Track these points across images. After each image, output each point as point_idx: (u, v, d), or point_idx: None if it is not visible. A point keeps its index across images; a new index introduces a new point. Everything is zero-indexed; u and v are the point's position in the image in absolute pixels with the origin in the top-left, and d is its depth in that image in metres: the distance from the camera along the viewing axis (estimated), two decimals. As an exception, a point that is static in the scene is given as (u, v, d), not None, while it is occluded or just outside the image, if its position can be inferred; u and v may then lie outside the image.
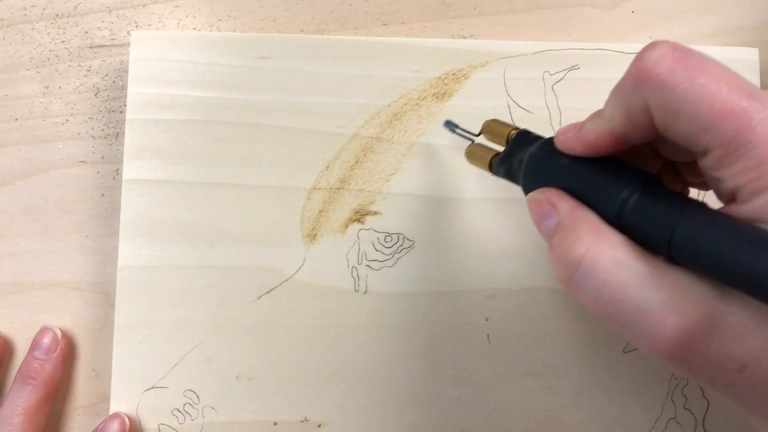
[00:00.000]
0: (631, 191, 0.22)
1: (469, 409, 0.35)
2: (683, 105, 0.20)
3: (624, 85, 0.22)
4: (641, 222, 0.21)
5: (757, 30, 0.39)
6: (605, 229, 0.21)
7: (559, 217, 0.23)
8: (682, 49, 0.20)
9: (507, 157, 0.28)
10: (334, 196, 0.36)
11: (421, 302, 0.35)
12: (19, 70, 0.38)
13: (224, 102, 0.36)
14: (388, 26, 0.38)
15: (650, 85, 0.20)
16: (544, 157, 0.25)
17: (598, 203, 0.22)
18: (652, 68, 0.20)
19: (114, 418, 0.33)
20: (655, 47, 0.21)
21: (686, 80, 0.20)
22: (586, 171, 0.23)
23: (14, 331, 0.36)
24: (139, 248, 0.35)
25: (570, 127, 0.24)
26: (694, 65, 0.20)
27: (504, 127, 0.30)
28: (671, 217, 0.20)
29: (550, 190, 0.24)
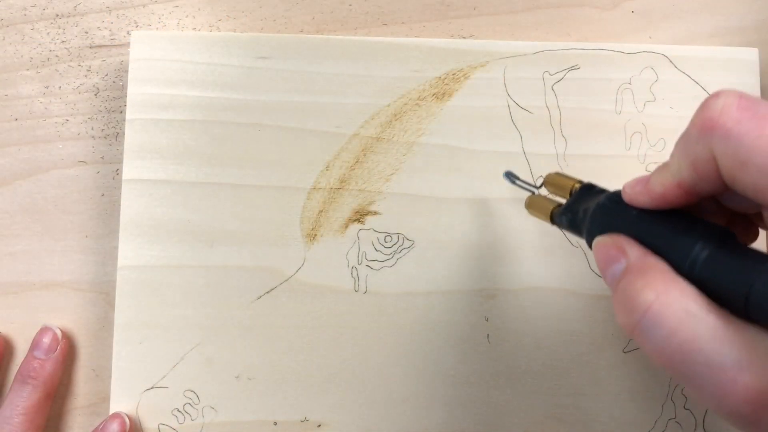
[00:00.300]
0: (704, 245, 0.21)
1: (469, 409, 0.35)
2: (751, 155, 0.19)
3: (689, 135, 0.21)
4: (716, 277, 0.20)
5: (757, 30, 0.39)
6: (677, 277, 0.21)
7: (629, 263, 0.22)
8: (748, 98, 0.20)
9: (570, 207, 0.28)
10: (334, 196, 0.36)
11: (421, 302, 0.35)
12: (19, 70, 0.38)
13: (224, 102, 0.36)
14: (388, 26, 0.38)
15: (716, 134, 0.20)
16: (612, 208, 0.25)
17: (669, 256, 0.22)
18: (718, 117, 0.20)
19: (114, 418, 0.33)
20: (720, 96, 0.20)
21: (753, 130, 0.19)
22: (656, 223, 0.23)
23: (14, 331, 0.36)
24: (139, 248, 0.35)
25: (637, 181, 0.24)
26: (762, 115, 0.19)
27: (567, 180, 0.30)
28: (748, 273, 0.19)
29: (618, 236, 0.23)
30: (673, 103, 0.37)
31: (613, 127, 0.37)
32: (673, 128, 0.37)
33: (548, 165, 0.36)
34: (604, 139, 0.36)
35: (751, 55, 0.37)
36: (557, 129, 0.36)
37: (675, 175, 0.22)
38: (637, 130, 0.37)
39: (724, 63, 0.37)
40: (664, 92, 0.37)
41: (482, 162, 0.36)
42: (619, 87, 0.37)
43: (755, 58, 0.37)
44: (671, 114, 0.37)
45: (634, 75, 0.37)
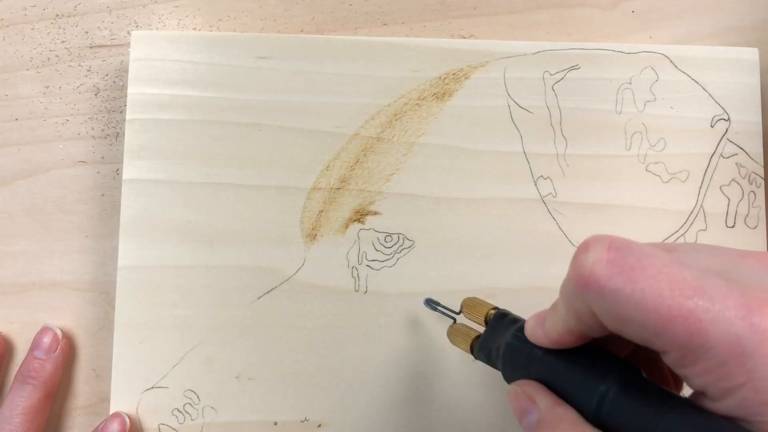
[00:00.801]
0: (608, 386, 0.21)
1: (469, 409, 0.35)
2: (628, 312, 0.19)
3: (567, 289, 0.21)
4: (621, 419, 0.21)
5: (757, 30, 0.39)
6: (586, 428, 0.21)
7: (539, 414, 0.22)
8: (618, 248, 0.19)
9: (486, 342, 0.28)
10: (334, 196, 0.36)
11: (421, 302, 0.35)
12: (19, 70, 0.38)
13: (224, 102, 0.36)
14: (388, 26, 0.38)
15: (589, 292, 0.19)
16: (520, 348, 0.25)
17: (576, 398, 0.22)
18: (589, 274, 0.19)
19: (114, 418, 0.33)
20: (589, 249, 0.19)
21: (626, 286, 0.18)
22: (562, 364, 0.23)
23: (14, 331, 0.36)
24: (139, 248, 0.35)
25: (536, 322, 0.24)
26: (632, 266, 0.19)
27: (482, 307, 0.30)
28: (651, 416, 0.19)
29: (528, 384, 0.24)
30: (673, 103, 0.37)
31: (613, 127, 0.37)
32: (673, 128, 0.37)
33: (548, 165, 0.36)
34: (604, 139, 0.36)
35: (751, 55, 0.37)
36: (557, 129, 0.36)
37: (563, 323, 0.22)
38: (637, 130, 0.37)
39: (724, 63, 0.37)
40: (664, 92, 0.37)
41: (482, 162, 0.36)
42: (619, 87, 0.37)
43: (755, 58, 0.37)
44: (671, 114, 0.37)
45: (634, 75, 0.37)
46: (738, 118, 0.37)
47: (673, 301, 0.18)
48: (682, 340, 0.18)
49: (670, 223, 0.36)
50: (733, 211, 0.36)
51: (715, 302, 0.18)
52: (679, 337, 0.18)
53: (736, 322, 0.18)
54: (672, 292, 0.18)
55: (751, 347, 0.17)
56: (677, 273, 0.18)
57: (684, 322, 0.18)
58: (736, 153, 0.37)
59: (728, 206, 0.36)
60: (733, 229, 0.36)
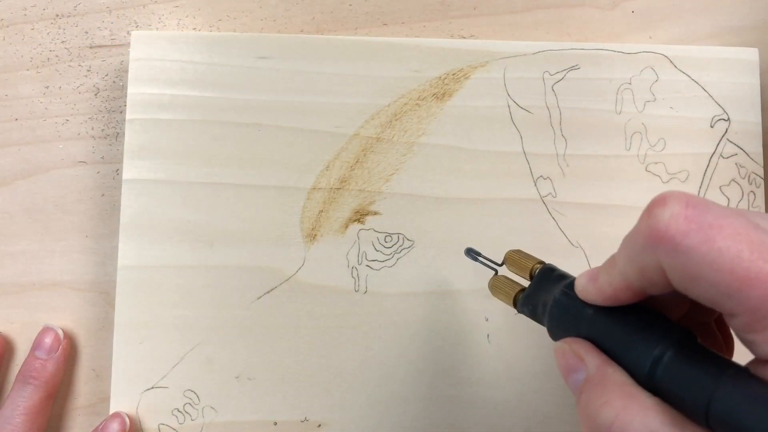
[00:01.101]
0: (663, 350, 0.20)
1: (469, 409, 0.35)
2: (701, 271, 0.18)
3: (635, 242, 0.20)
4: (675, 385, 0.20)
5: (757, 30, 0.39)
6: (636, 391, 0.20)
7: (587, 373, 0.22)
8: (696, 206, 0.19)
9: (531, 296, 0.27)
10: (334, 196, 0.36)
11: (421, 302, 0.35)
12: (19, 70, 0.38)
13: (224, 102, 0.36)
14: (388, 26, 0.38)
15: (663, 248, 0.19)
16: (569, 305, 0.24)
17: (627, 359, 0.21)
18: (665, 229, 0.18)
19: (114, 418, 0.33)
20: (667, 204, 0.19)
21: (703, 244, 0.18)
22: (614, 323, 0.22)
23: (14, 331, 0.36)
24: (139, 248, 0.35)
25: (587, 278, 0.23)
26: (710, 224, 0.18)
27: (527, 261, 0.29)
28: (708, 384, 0.19)
29: (577, 342, 0.23)
30: (673, 103, 0.37)
31: (613, 127, 0.37)
32: (673, 128, 0.37)
33: (548, 165, 0.36)
34: (604, 139, 0.36)
35: (751, 55, 0.37)
36: (557, 129, 0.36)
37: (622, 277, 0.21)
38: (637, 130, 0.37)
39: (724, 63, 0.37)
40: (664, 92, 0.37)
41: (482, 162, 0.36)
42: (619, 87, 0.37)
43: (755, 58, 0.37)
44: (671, 114, 0.37)
45: (634, 75, 0.37)
46: (738, 118, 0.37)
47: (751, 263, 0.18)
48: (755, 303, 0.18)
49: (669, 223, 0.36)
50: (733, 211, 0.36)
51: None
52: (752, 301, 0.18)
53: None
54: (751, 254, 0.18)
55: None
56: (756, 236, 0.18)
57: (761, 286, 0.17)
58: (735, 153, 0.37)
59: (728, 206, 0.36)
60: (733, 229, 0.36)
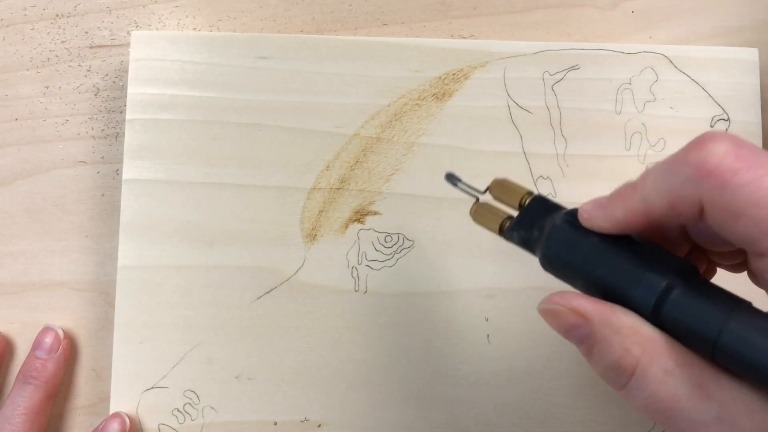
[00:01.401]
0: (670, 283, 0.20)
1: (469, 409, 0.35)
2: (746, 207, 0.18)
3: (675, 172, 0.20)
4: (684, 319, 0.20)
5: (757, 30, 0.39)
6: (649, 332, 0.21)
7: (594, 326, 0.21)
8: (745, 146, 0.19)
9: (522, 223, 0.26)
10: (334, 196, 0.36)
11: (421, 302, 0.35)
12: (19, 70, 0.38)
13: (224, 102, 0.36)
14: (388, 26, 0.38)
15: (710, 182, 0.19)
16: (571, 233, 0.23)
17: (632, 293, 0.21)
18: (715, 165, 0.19)
19: (114, 418, 0.33)
20: (717, 140, 0.19)
21: (752, 182, 0.18)
22: (619, 253, 0.22)
23: (14, 331, 0.36)
24: (139, 248, 0.35)
25: (595, 204, 0.23)
26: (760, 164, 0.19)
27: (517, 189, 0.27)
28: (717, 319, 0.19)
29: (571, 297, 0.22)
30: (673, 103, 0.37)
31: (613, 127, 0.37)
32: (673, 128, 0.37)
33: (548, 165, 0.36)
34: (604, 139, 0.37)
35: (751, 55, 0.37)
36: (557, 129, 0.36)
37: (644, 204, 0.21)
38: (637, 130, 0.37)
39: (724, 63, 0.37)
40: (664, 92, 0.37)
41: (482, 162, 0.36)
42: (619, 87, 0.37)
43: (755, 58, 0.37)
44: (671, 114, 0.37)
45: (634, 75, 0.37)
46: (738, 118, 0.37)
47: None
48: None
49: (669, 223, 0.36)
50: (733, 211, 0.36)
51: None
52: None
53: None
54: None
55: None
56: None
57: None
58: (735, 153, 0.37)
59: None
60: (733, 229, 0.36)
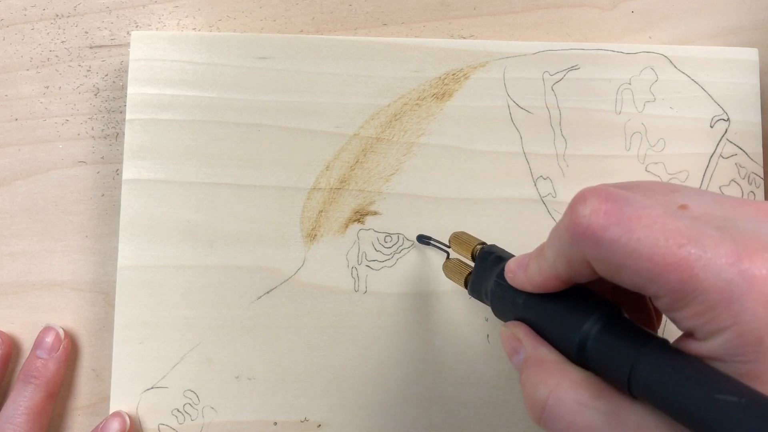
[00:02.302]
0: (590, 326, 0.22)
1: (469, 409, 0.35)
2: (623, 260, 0.19)
3: (561, 237, 0.21)
4: (601, 357, 0.21)
5: (757, 30, 0.39)
6: (567, 368, 0.22)
7: (525, 354, 0.24)
8: (615, 200, 0.20)
9: (475, 282, 0.29)
10: (334, 196, 0.36)
11: (421, 302, 0.35)
12: (19, 70, 0.38)
13: (224, 102, 0.36)
14: (388, 26, 0.38)
15: (586, 242, 0.20)
16: (502, 294, 0.26)
17: (560, 338, 0.23)
18: (586, 225, 0.20)
19: (114, 417, 0.33)
20: (586, 200, 0.20)
21: (623, 236, 0.19)
22: (544, 306, 0.24)
23: (14, 331, 0.36)
24: (139, 248, 0.35)
25: (517, 265, 0.25)
26: (628, 217, 0.19)
27: (469, 242, 0.31)
28: (630, 354, 0.20)
29: (515, 325, 0.25)
30: (673, 103, 0.37)
31: (613, 127, 0.37)
32: (672, 128, 0.37)
33: (548, 165, 0.36)
34: (604, 139, 0.37)
35: (751, 55, 0.37)
36: (557, 129, 0.36)
37: (552, 268, 0.23)
38: (636, 130, 0.37)
39: (724, 63, 0.37)
40: (664, 92, 0.37)
41: (482, 162, 0.36)
42: (619, 87, 0.37)
43: (755, 58, 0.37)
44: (671, 114, 0.37)
45: (634, 75, 0.37)
46: (737, 118, 0.37)
47: (666, 249, 0.19)
48: (674, 286, 0.19)
49: (669, 223, 0.36)
50: (733, 211, 0.36)
51: (707, 250, 0.19)
52: (671, 284, 0.19)
53: (726, 269, 0.18)
54: (666, 241, 0.19)
55: (739, 293, 0.18)
56: (671, 223, 0.19)
57: (677, 270, 0.19)
58: (735, 153, 0.37)
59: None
60: (733, 229, 0.36)
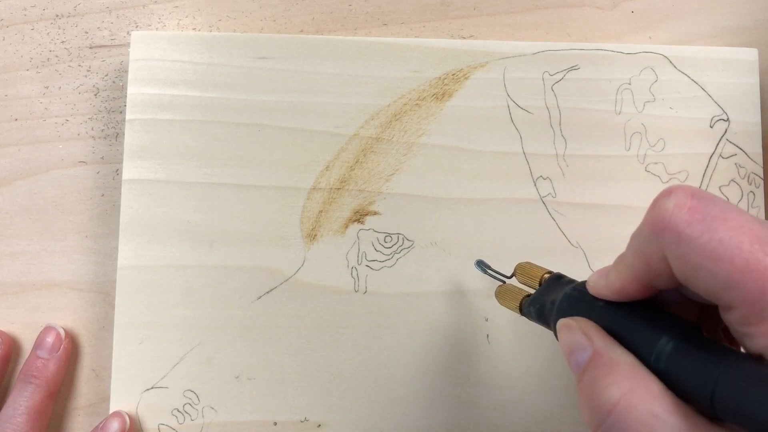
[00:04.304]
0: (669, 339, 0.20)
1: (469, 409, 0.35)
2: (702, 260, 0.18)
3: (642, 232, 0.20)
4: (681, 372, 0.20)
5: (757, 30, 0.39)
6: (645, 373, 0.20)
7: (594, 352, 0.21)
8: (701, 197, 0.19)
9: (538, 298, 0.28)
10: (333, 197, 0.36)
11: (421, 302, 0.35)
12: (19, 70, 0.38)
13: (224, 102, 0.36)
14: (388, 26, 0.38)
15: (666, 236, 0.19)
16: (579, 299, 0.24)
17: (635, 348, 0.21)
18: (668, 218, 0.19)
19: (115, 417, 0.33)
20: (672, 194, 0.19)
21: (705, 234, 0.18)
22: (622, 314, 0.23)
23: (14, 331, 0.36)
24: (139, 248, 0.35)
25: (599, 274, 0.24)
26: (713, 216, 0.18)
27: (537, 270, 0.30)
28: (713, 370, 0.19)
29: (585, 321, 0.23)
30: (672, 104, 0.37)
31: (613, 128, 0.37)
32: (672, 128, 0.37)
33: (548, 165, 0.36)
34: (603, 140, 0.37)
35: (751, 55, 0.37)
36: (557, 129, 0.36)
37: (630, 270, 0.22)
38: (636, 131, 0.37)
39: (723, 63, 0.37)
40: (664, 92, 0.37)
41: (482, 162, 0.36)
42: (619, 87, 0.37)
43: (755, 58, 0.37)
44: (671, 114, 0.37)
45: (633, 75, 0.37)
46: (737, 118, 0.37)
47: (751, 254, 0.18)
48: (753, 295, 0.18)
49: (669, 223, 0.36)
50: (733, 211, 0.36)
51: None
52: (750, 292, 0.18)
53: None
54: (752, 246, 0.18)
55: None
56: (759, 230, 0.18)
57: (759, 278, 0.17)
58: (735, 153, 0.37)
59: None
60: (733, 229, 0.36)
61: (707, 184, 0.37)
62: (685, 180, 0.37)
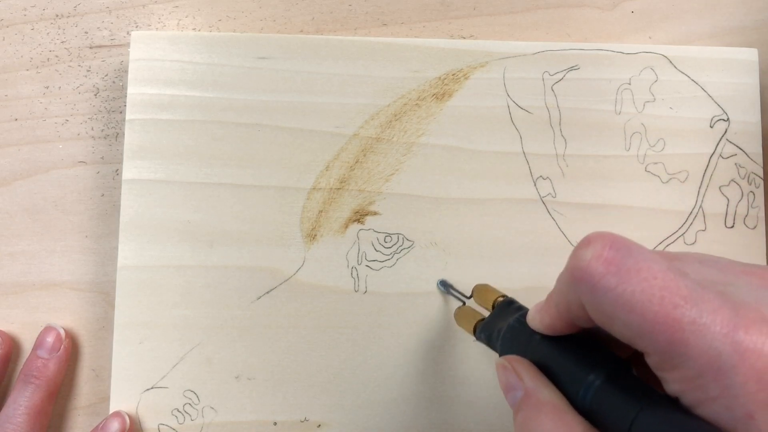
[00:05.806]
0: (596, 376, 0.22)
1: (469, 409, 0.35)
2: (615, 311, 0.19)
3: (563, 278, 0.21)
4: (603, 410, 0.21)
5: (757, 30, 0.39)
6: (566, 413, 0.21)
7: (524, 392, 0.23)
8: (618, 248, 0.20)
9: (489, 324, 0.29)
10: (333, 197, 0.36)
11: (421, 302, 0.35)
12: (19, 70, 0.38)
13: (224, 102, 0.36)
14: (388, 26, 0.38)
15: (583, 286, 0.20)
16: (520, 331, 0.26)
17: (565, 384, 0.23)
18: (585, 268, 0.20)
19: (115, 417, 0.33)
20: (590, 244, 0.20)
21: (618, 286, 0.19)
22: (556, 350, 0.24)
23: (14, 331, 0.36)
24: (138, 248, 0.35)
25: (537, 308, 0.25)
26: (627, 268, 0.19)
27: (491, 293, 0.31)
28: (630, 411, 0.20)
29: (517, 360, 0.24)
30: (672, 104, 0.37)
31: (613, 128, 0.37)
32: (672, 128, 0.37)
33: (548, 165, 0.36)
34: (603, 140, 0.37)
35: (750, 55, 0.37)
36: (557, 129, 0.36)
37: (556, 310, 0.23)
38: (636, 131, 0.37)
39: (723, 63, 0.37)
40: (664, 92, 0.37)
41: (482, 162, 0.36)
42: (619, 87, 0.37)
43: (755, 58, 0.37)
44: (671, 114, 0.37)
45: (633, 75, 0.37)
46: (737, 118, 0.37)
47: (660, 307, 0.18)
48: (662, 346, 0.18)
49: (669, 224, 0.36)
50: (733, 211, 0.37)
51: (703, 315, 0.18)
52: (660, 343, 0.18)
53: (719, 338, 0.18)
54: (661, 299, 0.18)
55: (730, 364, 0.17)
56: (672, 281, 0.19)
57: (667, 330, 0.18)
58: (735, 153, 0.37)
59: (727, 207, 0.37)
60: (733, 229, 0.36)
61: (707, 184, 0.37)
62: (686, 180, 0.37)
